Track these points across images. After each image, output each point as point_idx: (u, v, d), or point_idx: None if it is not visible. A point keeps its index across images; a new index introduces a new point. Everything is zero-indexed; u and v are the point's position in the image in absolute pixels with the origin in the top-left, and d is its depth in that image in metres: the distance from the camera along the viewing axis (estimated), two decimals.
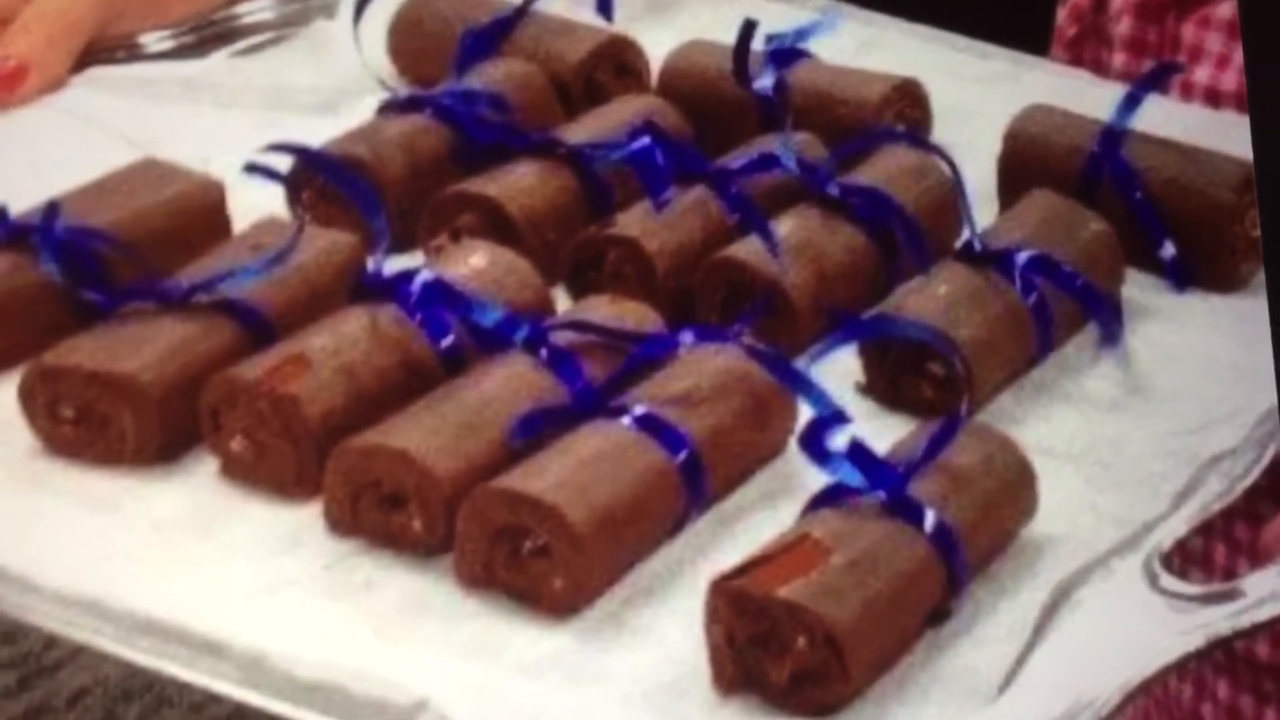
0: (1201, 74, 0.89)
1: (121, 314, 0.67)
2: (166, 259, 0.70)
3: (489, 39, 0.84)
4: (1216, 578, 0.87)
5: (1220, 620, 0.60)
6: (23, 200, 0.71)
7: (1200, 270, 0.77)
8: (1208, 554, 0.89)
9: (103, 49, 0.86)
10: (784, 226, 0.73)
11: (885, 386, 0.70)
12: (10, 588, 0.60)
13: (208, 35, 0.88)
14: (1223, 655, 0.88)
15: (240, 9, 0.89)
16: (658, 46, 0.85)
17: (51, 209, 0.69)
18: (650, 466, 0.63)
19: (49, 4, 0.84)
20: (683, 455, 0.63)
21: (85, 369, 0.65)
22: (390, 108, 0.80)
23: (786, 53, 0.83)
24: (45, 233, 0.69)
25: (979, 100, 0.85)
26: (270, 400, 0.64)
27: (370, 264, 0.69)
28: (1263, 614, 0.60)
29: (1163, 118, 0.80)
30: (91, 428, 0.65)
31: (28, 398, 0.65)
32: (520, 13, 0.85)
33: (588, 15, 0.87)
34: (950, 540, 0.61)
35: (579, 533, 0.60)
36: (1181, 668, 0.60)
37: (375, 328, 0.67)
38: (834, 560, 0.58)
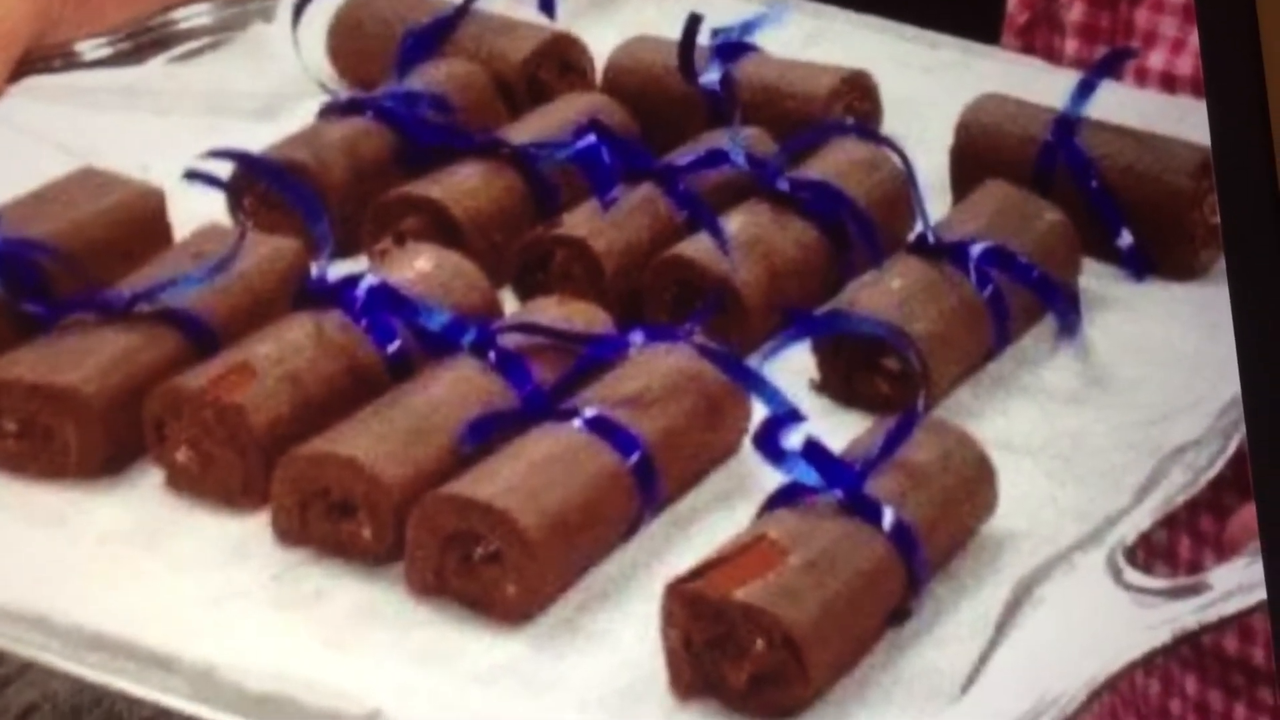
0: (1156, 59, 0.90)
1: (63, 325, 0.68)
2: (107, 269, 0.71)
3: (430, 39, 0.84)
4: (1182, 571, 0.88)
5: (1187, 615, 0.61)
6: None
7: (1159, 259, 0.78)
8: (1172, 547, 0.89)
9: (39, 58, 0.86)
10: (733, 223, 0.74)
11: (840, 383, 0.71)
12: None
13: (144, 42, 0.88)
14: (1190, 650, 0.89)
15: (177, 14, 0.89)
16: (601, 43, 0.85)
17: None
18: (602, 469, 0.63)
19: None
20: (635, 457, 0.64)
21: (27, 382, 0.65)
22: (331, 111, 0.80)
23: (733, 47, 0.84)
24: None
25: (929, 91, 0.86)
26: (215, 410, 0.64)
27: (314, 270, 0.70)
28: (1230, 607, 0.61)
29: (1117, 104, 0.81)
30: (34, 441, 0.65)
31: None
32: (461, 12, 0.85)
33: (530, 13, 0.87)
34: (909, 538, 0.61)
35: (531, 538, 0.60)
36: (1148, 663, 0.60)
37: (320, 334, 0.67)
38: (791, 561, 0.59)
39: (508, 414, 0.65)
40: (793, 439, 0.63)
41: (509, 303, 0.73)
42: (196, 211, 0.74)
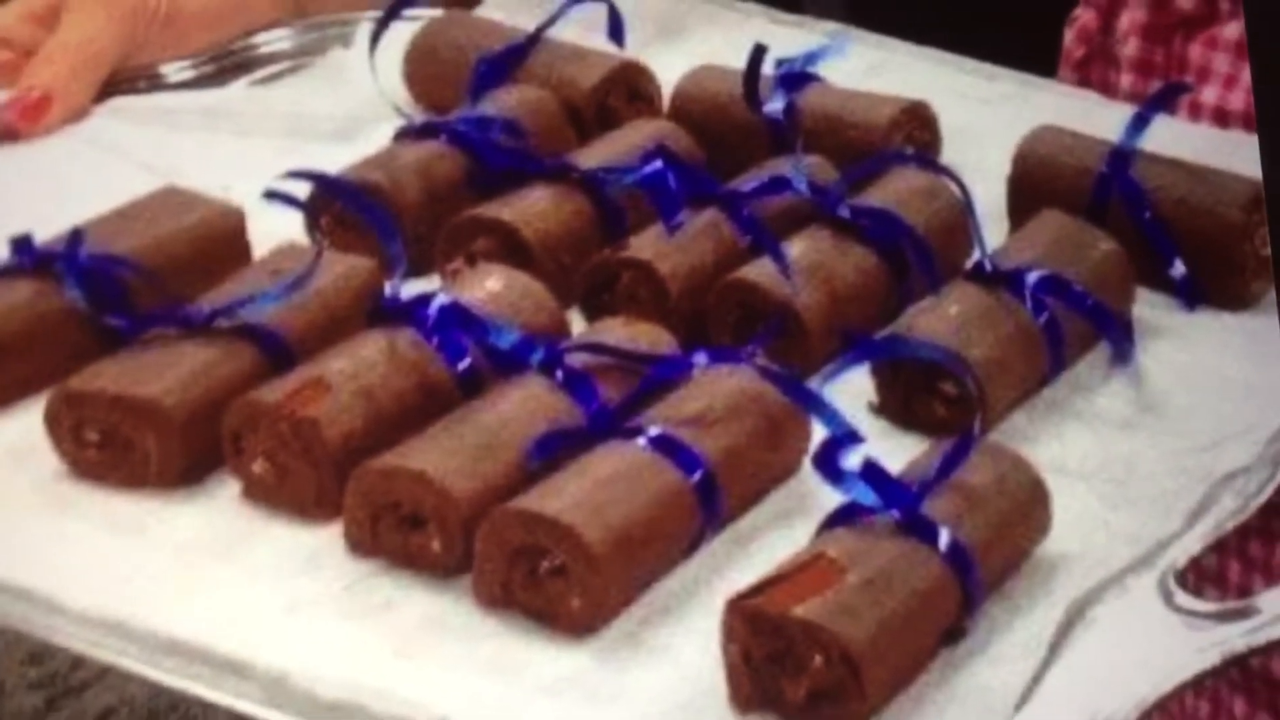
0: (1209, 94, 0.89)
1: (144, 339, 0.68)
2: (188, 285, 0.70)
3: (502, 66, 0.84)
4: (1231, 595, 0.87)
5: (1236, 638, 0.60)
6: (47, 228, 0.71)
7: (1211, 289, 0.77)
8: (1222, 571, 0.88)
9: (124, 79, 0.86)
10: (795, 248, 0.73)
11: (898, 406, 0.70)
12: (37, 609, 0.60)
13: (227, 65, 0.88)
14: (1238, 672, 0.88)
15: (258, 39, 0.90)
16: (669, 71, 0.85)
17: (75, 236, 0.70)
18: (665, 487, 0.63)
19: (72, 35, 0.84)
20: (697, 475, 0.63)
21: (109, 393, 0.65)
22: (406, 134, 0.80)
23: (796, 76, 0.83)
24: (69, 260, 0.69)
25: (987, 121, 0.85)
26: (290, 423, 0.64)
27: (388, 288, 0.70)
28: (1278, 631, 0.60)
29: (1171, 138, 0.80)
30: (116, 451, 0.65)
31: (53, 422, 0.66)
32: (533, 40, 0.85)
33: (599, 41, 0.87)
34: (965, 559, 0.61)
35: (595, 553, 0.60)
36: (1198, 685, 0.60)
37: (393, 351, 0.67)
38: (849, 579, 0.59)
39: (574, 431, 0.64)
40: (851, 460, 0.62)
41: (576, 323, 0.72)
42: (275, 230, 0.74)
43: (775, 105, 0.81)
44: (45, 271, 0.70)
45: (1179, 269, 0.77)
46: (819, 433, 0.65)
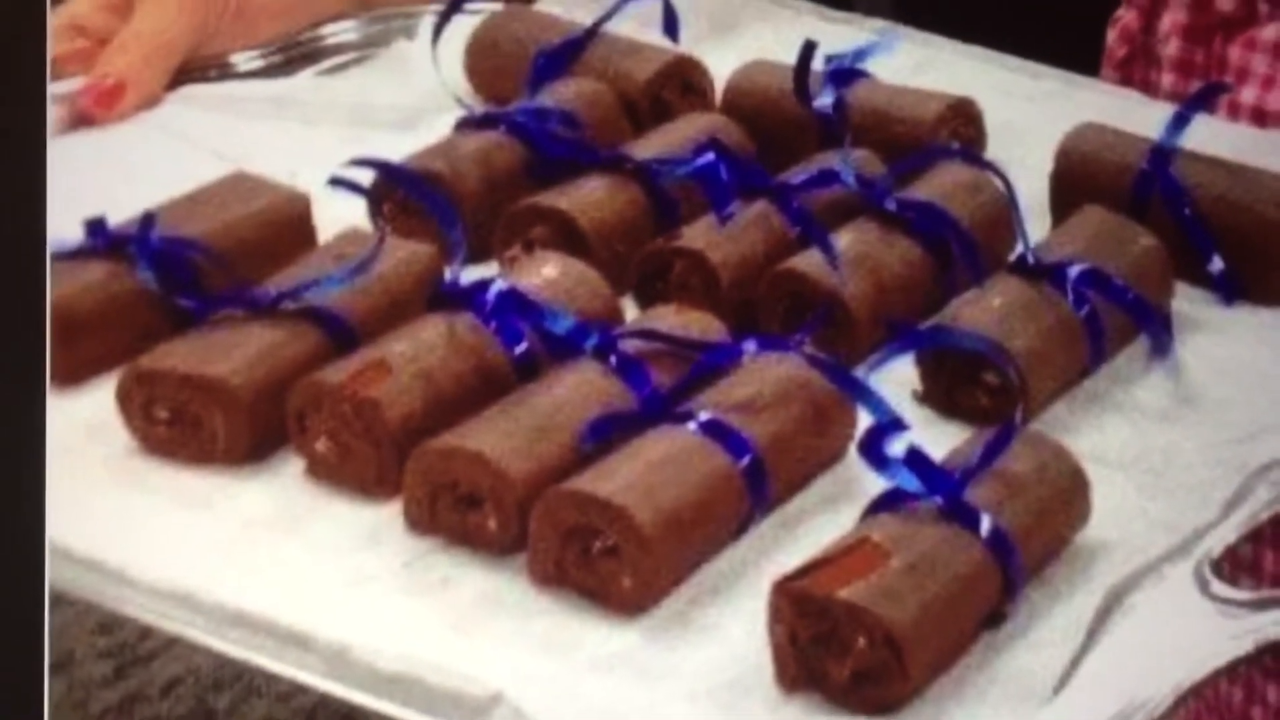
0: (1248, 94, 0.88)
1: (213, 320, 0.67)
2: (255, 268, 0.70)
3: (560, 59, 0.83)
4: (1266, 584, 0.86)
5: (1269, 626, 0.59)
6: (120, 211, 0.71)
7: (1248, 284, 0.76)
8: (1257, 561, 0.88)
9: (196, 68, 0.86)
10: (843, 240, 0.72)
11: (942, 395, 0.69)
12: (107, 581, 0.60)
13: (295, 55, 0.88)
14: (1272, 660, 0.87)
15: (325, 30, 0.89)
16: (722, 66, 0.84)
17: (147, 220, 0.70)
18: (715, 470, 0.62)
19: (146, 25, 0.84)
20: (746, 460, 0.63)
21: (179, 372, 0.65)
22: (467, 124, 0.79)
23: (845, 72, 0.82)
24: (141, 242, 0.69)
25: (1031, 119, 0.85)
26: (353, 404, 0.64)
27: (447, 274, 0.69)
28: None
29: (1210, 136, 0.79)
30: (185, 428, 0.65)
31: (125, 399, 0.66)
32: (590, 34, 0.84)
33: (655, 36, 0.87)
34: (1006, 545, 0.60)
35: (647, 534, 0.59)
36: (1232, 672, 0.59)
37: (452, 335, 0.66)
38: (893, 563, 0.58)
39: (627, 415, 0.64)
40: (896, 447, 0.61)
41: (630, 310, 0.72)
42: (339, 216, 0.74)
43: (825, 100, 0.81)
44: (118, 253, 0.69)
45: (1217, 264, 0.76)
46: (864, 420, 0.64)
